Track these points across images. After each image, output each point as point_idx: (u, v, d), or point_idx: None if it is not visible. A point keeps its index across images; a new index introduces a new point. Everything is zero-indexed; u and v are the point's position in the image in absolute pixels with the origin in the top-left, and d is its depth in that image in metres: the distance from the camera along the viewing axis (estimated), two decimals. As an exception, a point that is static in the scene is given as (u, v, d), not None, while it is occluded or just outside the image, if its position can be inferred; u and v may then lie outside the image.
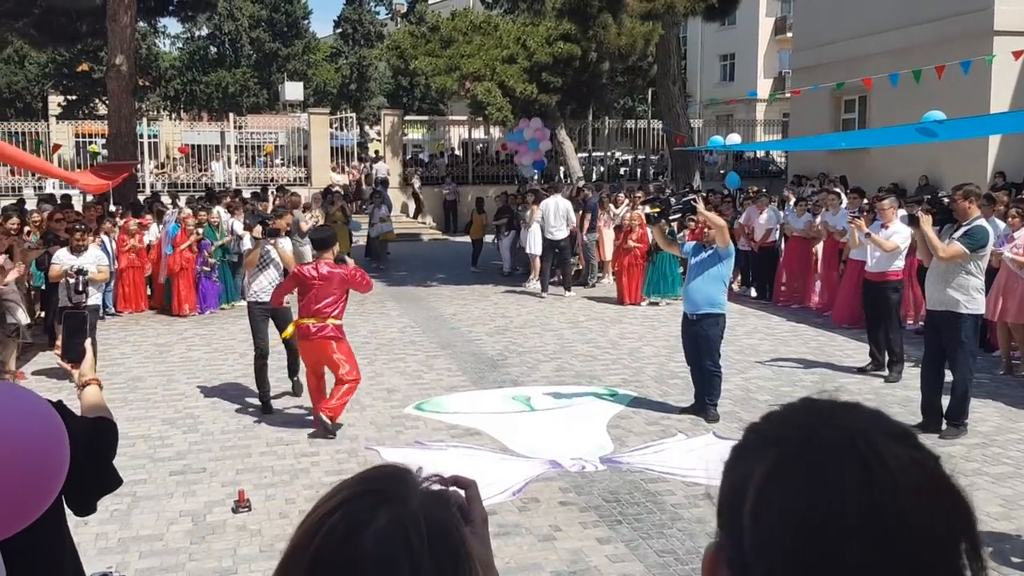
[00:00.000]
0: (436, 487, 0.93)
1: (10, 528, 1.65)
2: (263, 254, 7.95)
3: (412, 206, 25.49)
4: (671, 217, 7.83)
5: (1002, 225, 9.49)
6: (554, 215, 14.60)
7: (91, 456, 2.12)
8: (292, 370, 8.44)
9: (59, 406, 1.94)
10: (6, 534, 1.64)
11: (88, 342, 2.67)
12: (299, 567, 0.83)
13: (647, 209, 7.94)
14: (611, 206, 15.57)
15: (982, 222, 7.00)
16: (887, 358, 9.07)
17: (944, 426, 7.07)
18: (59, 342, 2.70)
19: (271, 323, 8.08)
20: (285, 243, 8.38)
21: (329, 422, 7.07)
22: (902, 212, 10.16)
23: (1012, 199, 10.75)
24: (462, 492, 1.18)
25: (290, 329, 7.60)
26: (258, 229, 8.06)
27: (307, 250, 9.56)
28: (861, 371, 9.23)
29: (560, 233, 14.59)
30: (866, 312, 9.51)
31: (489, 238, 18.30)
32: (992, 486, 5.99)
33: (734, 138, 16.23)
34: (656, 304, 13.52)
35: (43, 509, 1.69)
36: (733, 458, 0.85)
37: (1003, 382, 8.80)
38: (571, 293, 14.57)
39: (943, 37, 18.61)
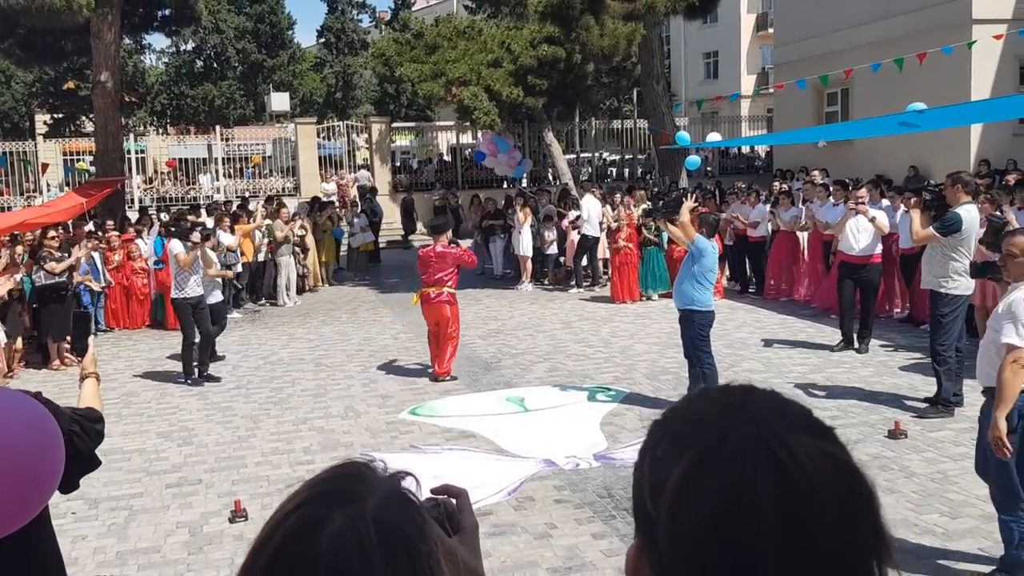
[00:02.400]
0: (402, 484, 0.94)
1: (8, 527, 1.70)
2: (198, 257, 9.40)
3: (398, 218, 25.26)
4: (660, 213, 7.91)
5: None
6: (595, 214, 14.84)
7: (77, 444, 2.27)
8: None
9: (39, 398, 2.01)
10: (4, 533, 1.70)
11: (92, 339, 3.08)
12: (259, 566, 0.85)
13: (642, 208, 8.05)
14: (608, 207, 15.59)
15: (963, 208, 7.13)
16: (859, 331, 9.70)
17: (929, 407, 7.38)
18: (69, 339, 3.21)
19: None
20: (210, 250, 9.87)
21: (448, 377, 9.09)
22: (885, 202, 10.22)
23: (992, 187, 10.84)
24: (453, 501, 1.20)
25: (415, 297, 9.35)
26: (196, 235, 9.49)
27: (214, 255, 10.68)
28: (831, 349, 9.75)
29: (593, 231, 14.83)
30: (843, 295, 9.86)
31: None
32: (981, 469, 6.04)
33: (714, 136, 16.28)
34: (650, 299, 13.62)
35: (40, 509, 1.75)
36: (643, 459, 0.84)
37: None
38: (579, 290, 14.86)
39: (922, 28, 18.74)
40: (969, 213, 7.19)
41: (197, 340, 9.52)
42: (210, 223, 14.39)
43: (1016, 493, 4.27)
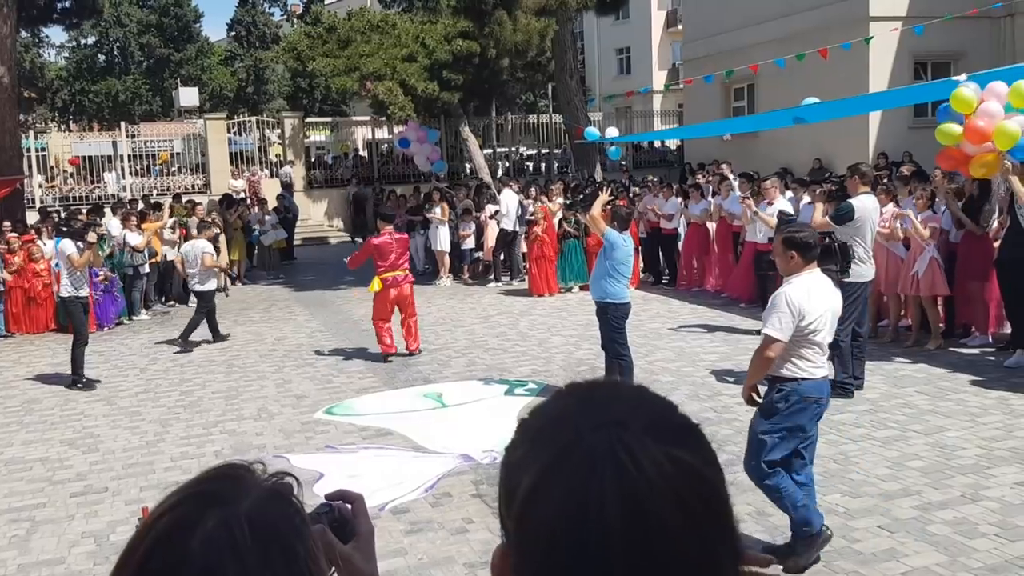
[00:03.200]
0: (280, 483, 0.93)
1: None
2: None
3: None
4: (580, 207, 8.03)
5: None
6: (513, 208, 15.01)
7: None
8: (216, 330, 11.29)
9: None
10: None
11: None
12: (128, 569, 0.83)
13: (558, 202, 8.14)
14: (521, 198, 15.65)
15: (858, 198, 7.45)
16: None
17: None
18: None
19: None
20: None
21: (413, 351, 9.91)
22: (789, 193, 10.52)
23: (889, 178, 11.30)
24: (348, 506, 1.19)
25: (376, 283, 9.72)
26: (92, 235, 9.62)
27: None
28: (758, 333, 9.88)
29: (511, 225, 15.04)
30: (759, 280, 10.36)
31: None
32: (879, 449, 6.30)
33: (612, 131, 16.62)
34: (569, 291, 13.78)
35: None
36: (506, 460, 0.83)
37: (887, 350, 9.24)
38: (498, 284, 15.01)
39: (822, 24, 19.39)
40: (863, 203, 7.48)
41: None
42: (116, 223, 13.95)
43: (757, 453, 4.56)
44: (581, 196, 14.84)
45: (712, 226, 13.31)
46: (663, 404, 0.83)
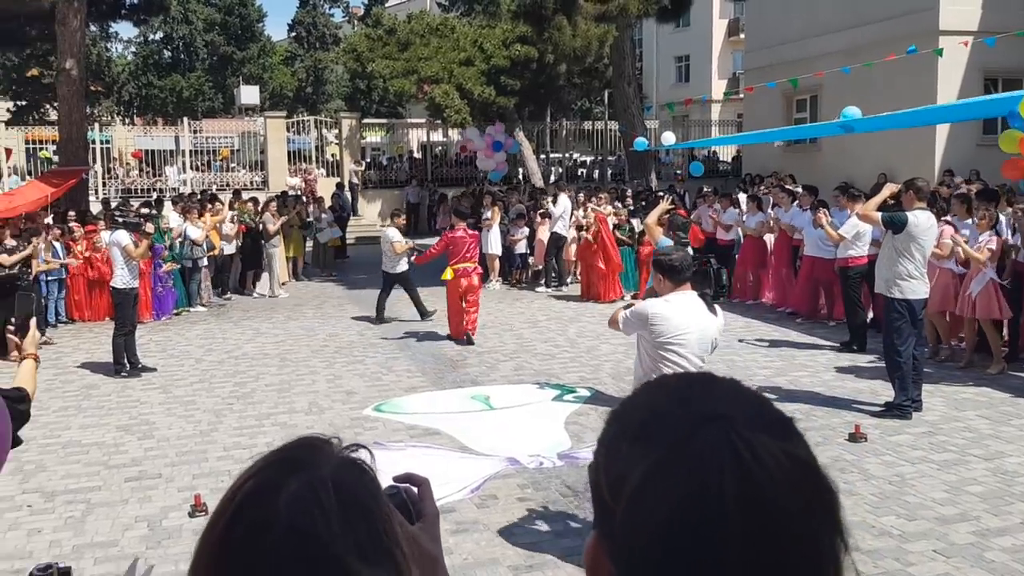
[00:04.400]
0: (356, 453, 0.97)
1: None
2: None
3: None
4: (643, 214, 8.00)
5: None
6: (566, 213, 15.08)
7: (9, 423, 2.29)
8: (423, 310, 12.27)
9: None
10: None
11: (33, 321, 3.03)
12: (216, 530, 0.87)
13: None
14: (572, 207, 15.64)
15: (913, 212, 7.33)
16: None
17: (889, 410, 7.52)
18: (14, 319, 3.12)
19: None
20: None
21: (472, 336, 10.85)
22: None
23: (951, 195, 11.05)
24: (415, 489, 1.22)
25: (449, 272, 10.81)
26: (150, 226, 10.19)
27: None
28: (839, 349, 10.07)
29: (564, 230, 15.10)
30: (845, 296, 10.46)
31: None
32: (937, 472, 6.16)
33: (668, 137, 16.44)
34: (622, 299, 13.72)
35: None
36: (600, 451, 0.85)
37: (948, 372, 9.03)
38: (547, 290, 14.95)
39: (890, 37, 19.02)
40: (916, 218, 7.32)
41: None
42: (176, 215, 14.30)
43: None
44: (643, 204, 14.77)
45: (770, 238, 13.15)
46: (759, 398, 0.86)
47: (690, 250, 7.66)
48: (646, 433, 0.81)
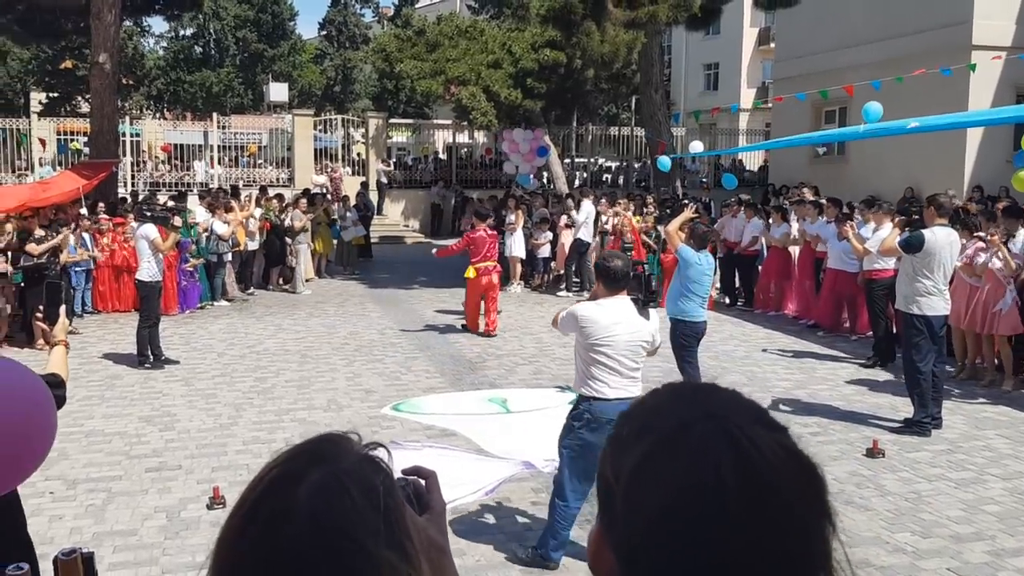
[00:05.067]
0: (374, 450, 1.02)
1: (6, 486, 1.83)
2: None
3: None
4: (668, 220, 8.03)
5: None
6: (590, 218, 15.12)
7: None
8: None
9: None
10: (6, 489, 1.84)
11: (63, 308, 3.09)
12: (240, 515, 0.92)
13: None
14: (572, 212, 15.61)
15: (931, 230, 7.30)
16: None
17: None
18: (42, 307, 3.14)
19: None
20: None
21: (493, 333, 11.47)
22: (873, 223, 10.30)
23: (979, 212, 10.96)
24: (422, 481, 1.27)
25: (471, 271, 11.41)
26: (178, 220, 10.23)
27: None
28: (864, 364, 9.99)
29: (588, 236, 15.11)
30: (871, 310, 10.47)
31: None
32: (954, 491, 6.14)
33: (696, 145, 16.41)
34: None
35: (36, 468, 1.90)
36: (610, 446, 0.90)
37: (969, 389, 8.96)
38: (569, 295, 14.94)
39: (922, 50, 18.89)
40: (935, 235, 7.28)
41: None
42: (203, 210, 14.47)
43: (561, 483, 4.93)
44: (669, 211, 14.73)
45: (795, 250, 13.11)
46: (756, 404, 0.92)
47: (707, 257, 7.70)
48: (649, 426, 0.87)
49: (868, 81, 15.45)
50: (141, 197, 16.60)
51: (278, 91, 34.91)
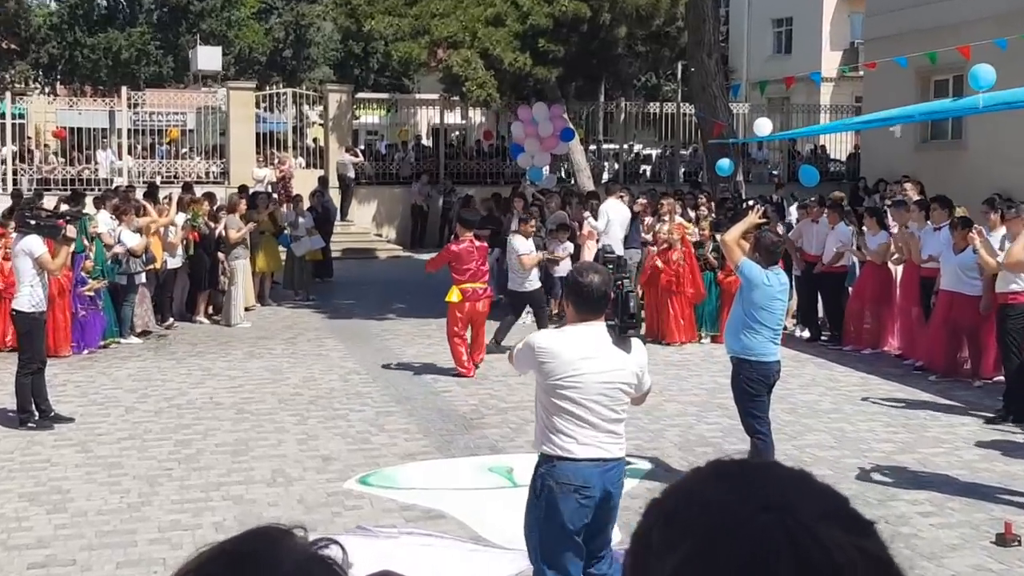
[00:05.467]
0: (325, 548, 0.98)
1: None
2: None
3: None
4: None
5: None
6: (620, 225, 14.79)
7: None
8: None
9: None
10: None
11: None
12: None
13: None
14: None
15: None
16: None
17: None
18: None
19: None
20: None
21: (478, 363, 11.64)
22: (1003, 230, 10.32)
23: None
24: None
25: (455, 294, 11.29)
26: (72, 230, 9.98)
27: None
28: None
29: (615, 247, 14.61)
30: (1001, 343, 10.47)
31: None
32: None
33: (763, 125, 16.00)
34: (700, 341, 13.74)
35: None
36: (637, 548, 0.90)
37: None
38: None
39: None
40: None
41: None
42: (106, 216, 14.45)
43: (535, 551, 5.05)
44: (730, 214, 14.70)
45: (897, 268, 13.08)
46: (834, 492, 0.92)
47: (780, 275, 7.65)
48: (688, 522, 0.87)
49: (990, 40, 15.48)
50: (24, 199, 16.62)
51: (208, 57, 35.09)
